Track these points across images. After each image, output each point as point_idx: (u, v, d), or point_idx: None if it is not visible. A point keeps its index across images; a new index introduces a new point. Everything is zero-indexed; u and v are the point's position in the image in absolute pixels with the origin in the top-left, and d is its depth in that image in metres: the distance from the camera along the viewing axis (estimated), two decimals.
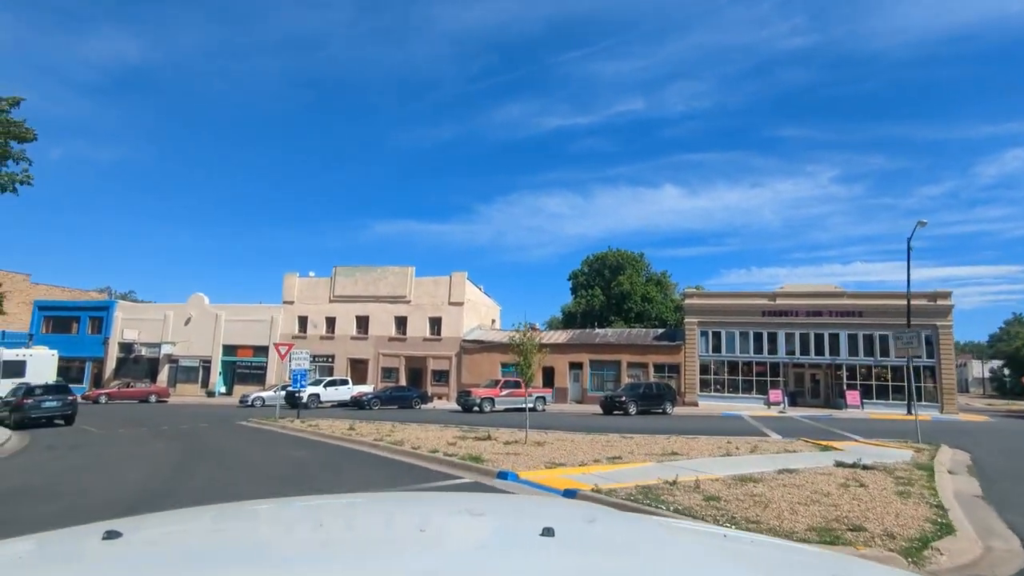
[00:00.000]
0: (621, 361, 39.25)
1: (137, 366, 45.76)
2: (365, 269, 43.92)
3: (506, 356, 40.43)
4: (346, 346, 42.90)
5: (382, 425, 20.04)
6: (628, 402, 30.12)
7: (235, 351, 44.57)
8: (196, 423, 21.77)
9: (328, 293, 44.08)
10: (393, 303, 42.78)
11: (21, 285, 60.73)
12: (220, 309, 45.27)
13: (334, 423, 20.61)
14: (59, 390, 21.22)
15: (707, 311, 38.82)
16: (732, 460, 11.86)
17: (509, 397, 31.73)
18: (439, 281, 42.64)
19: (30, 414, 20.07)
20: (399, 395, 33.95)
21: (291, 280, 44.84)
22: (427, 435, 16.74)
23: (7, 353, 24.42)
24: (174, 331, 45.30)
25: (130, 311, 47.18)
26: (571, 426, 21.44)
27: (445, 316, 41.90)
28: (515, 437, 16.19)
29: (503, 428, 19.17)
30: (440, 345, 41.60)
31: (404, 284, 42.88)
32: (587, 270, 62.07)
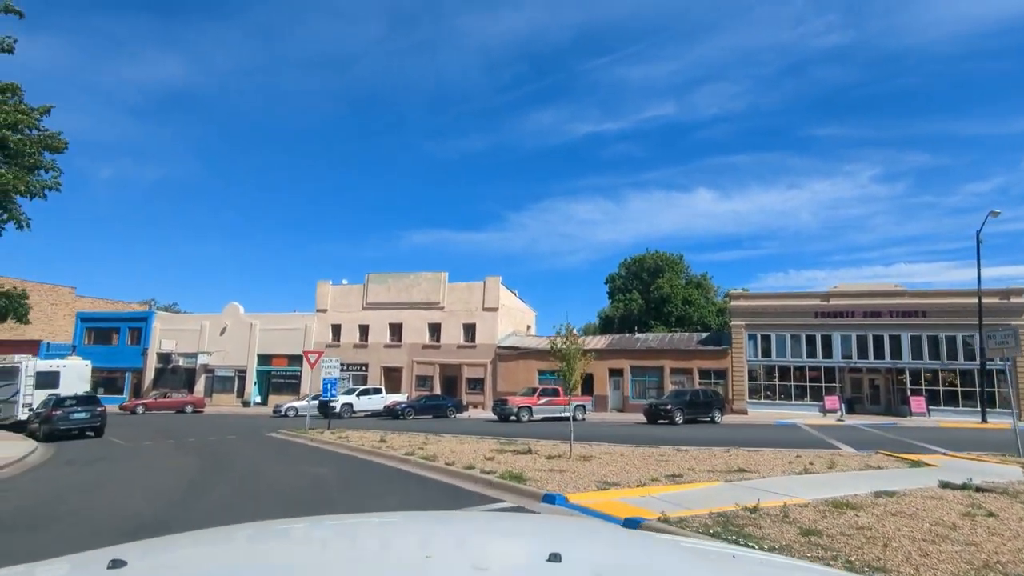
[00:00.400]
0: (664, 367, 37.43)
1: (175, 376, 45.97)
2: (398, 276, 43.20)
3: (543, 363, 39.10)
4: (379, 354, 42.17)
5: (415, 436, 18.92)
6: (674, 410, 28.39)
7: (270, 360, 44.34)
8: (224, 435, 21.05)
9: (361, 301, 43.49)
10: (426, 310, 41.90)
11: (67, 298, 62.27)
12: (255, 318, 45.16)
13: (365, 434, 19.58)
14: (88, 401, 20.78)
15: (755, 313, 36.72)
16: (812, 479, 10.25)
17: (548, 406, 30.35)
18: (472, 287, 41.59)
19: (59, 426, 19.63)
20: (433, 404, 32.89)
21: (324, 288, 44.44)
22: (462, 448, 15.51)
23: (41, 364, 24.24)
24: (210, 341, 45.37)
25: (168, 321, 47.53)
26: (616, 437, 19.94)
27: (479, 322, 40.79)
28: (558, 450, 14.82)
29: (544, 440, 17.82)
30: (475, 352, 40.49)
31: (437, 290, 41.97)
32: (624, 273, 60.27)
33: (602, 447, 16.06)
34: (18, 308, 21.19)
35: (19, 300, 21.25)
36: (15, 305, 21.14)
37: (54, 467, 13.62)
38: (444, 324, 41.37)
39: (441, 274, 42.30)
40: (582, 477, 10.61)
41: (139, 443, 18.58)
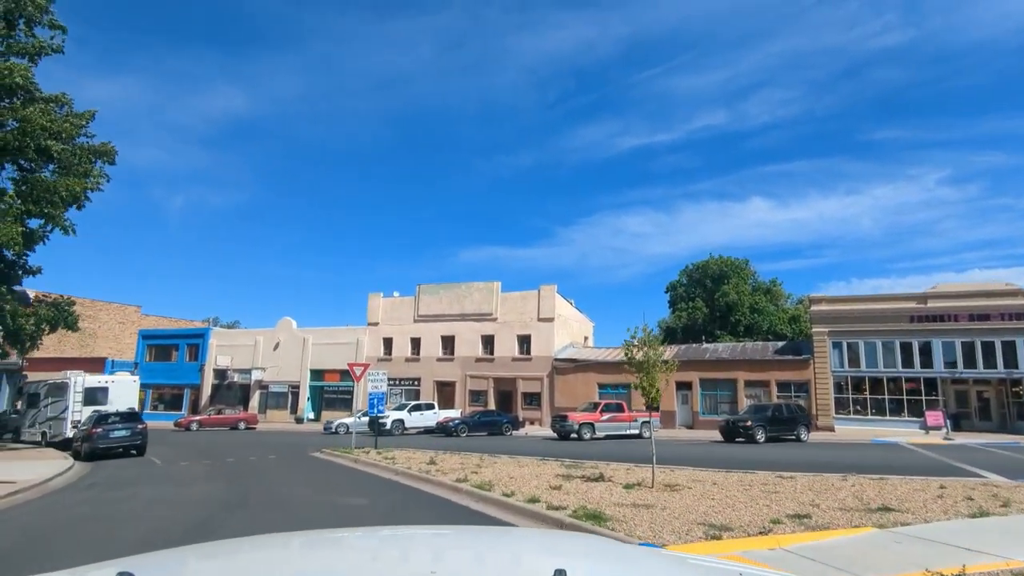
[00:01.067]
0: (737, 380, 34.24)
1: (230, 392, 45.88)
2: (449, 286, 41.74)
3: (604, 376, 36.62)
4: (432, 368, 40.67)
5: (468, 458, 16.95)
6: (755, 427, 25.38)
7: (322, 375, 43.58)
8: (266, 454, 19.70)
9: (412, 313, 42.22)
10: (479, 321, 40.17)
11: (133, 316, 64.06)
12: (307, 333, 44.61)
13: (413, 455, 17.77)
14: (130, 419, 19.89)
15: (839, 318, 33.13)
16: (1001, 525, 7.62)
17: (611, 423, 27.88)
18: (527, 296, 39.62)
19: (98, 445, 18.73)
20: (488, 420, 30.94)
21: (375, 300, 43.47)
22: (522, 473, 13.42)
23: (89, 379, 23.76)
24: (264, 356, 45.09)
25: (223, 337, 47.68)
26: (696, 458, 17.39)
27: (534, 333, 38.70)
28: (635, 476, 12.54)
29: (614, 463, 15.52)
30: (530, 365, 38.38)
31: (490, 300, 40.22)
32: (687, 281, 57.02)
33: (685, 472, 13.64)
34: (67, 317, 20.64)
35: (66, 309, 20.70)
36: (64, 314, 20.59)
37: (72, 492, 12.36)
38: (498, 336, 39.51)
39: (494, 283, 40.57)
40: (677, 516, 8.32)
41: (175, 464, 17.38)
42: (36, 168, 20.60)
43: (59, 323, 20.39)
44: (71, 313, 20.74)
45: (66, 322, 20.54)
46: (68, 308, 20.77)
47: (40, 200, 18.61)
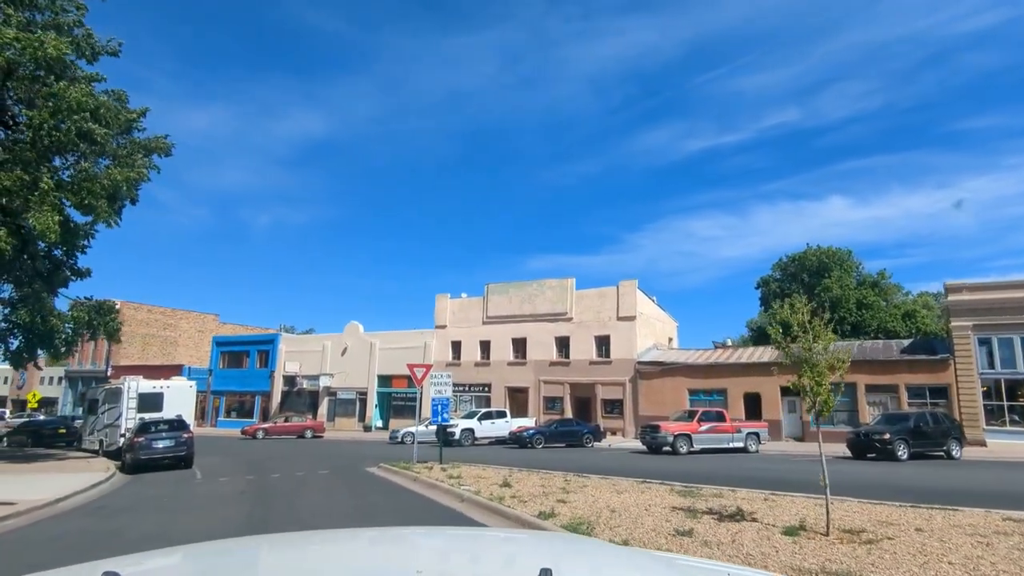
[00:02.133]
0: (856, 384, 29.29)
1: (299, 399, 44.92)
2: (519, 285, 38.86)
3: (696, 380, 32.57)
4: (503, 373, 37.85)
5: (550, 477, 13.83)
6: (894, 441, 20.82)
7: (390, 382, 41.71)
8: (318, 469, 17.34)
9: (481, 314, 39.63)
10: (552, 321, 37.01)
11: (211, 324, 65.40)
12: (374, 337, 42.95)
13: (483, 473, 14.83)
14: (176, 427, 18.10)
15: (986, 310, 27.63)
16: None
17: (711, 434, 23.98)
18: (605, 293, 36.11)
19: (140, 456, 16.99)
20: (566, 430, 27.68)
21: (443, 302, 41.22)
22: (624, 503, 10.16)
23: (144, 385, 22.44)
24: (332, 362, 43.82)
25: (292, 343, 46.91)
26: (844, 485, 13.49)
27: (614, 334, 35.12)
28: (786, 512, 9.04)
29: (740, 489, 11.95)
30: (610, 369, 34.80)
31: (564, 298, 36.99)
32: (780, 276, 51.61)
33: (852, 506, 9.93)
34: (108, 323, 19.20)
35: (107, 314, 19.25)
36: (105, 320, 19.17)
37: (74, 519, 10.19)
38: (573, 337, 36.19)
39: (567, 280, 37.32)
40: None
41: (214, 480, 15.24)
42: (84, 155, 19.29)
43: (99, 328, 18.95)
44: (112, 318, 19.28)
45: (106, 328, 19.09)
46: (109, 313, 19.31)
47: (80, 189, 17.13)
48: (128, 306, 58.31)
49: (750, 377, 31.50)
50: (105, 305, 19.43)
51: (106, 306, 19.41)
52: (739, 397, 31.28)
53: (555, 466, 16.98)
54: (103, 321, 18.99)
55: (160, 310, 61.59)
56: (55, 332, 17.66)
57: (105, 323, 19.05)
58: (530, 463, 18.28)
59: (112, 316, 19.43)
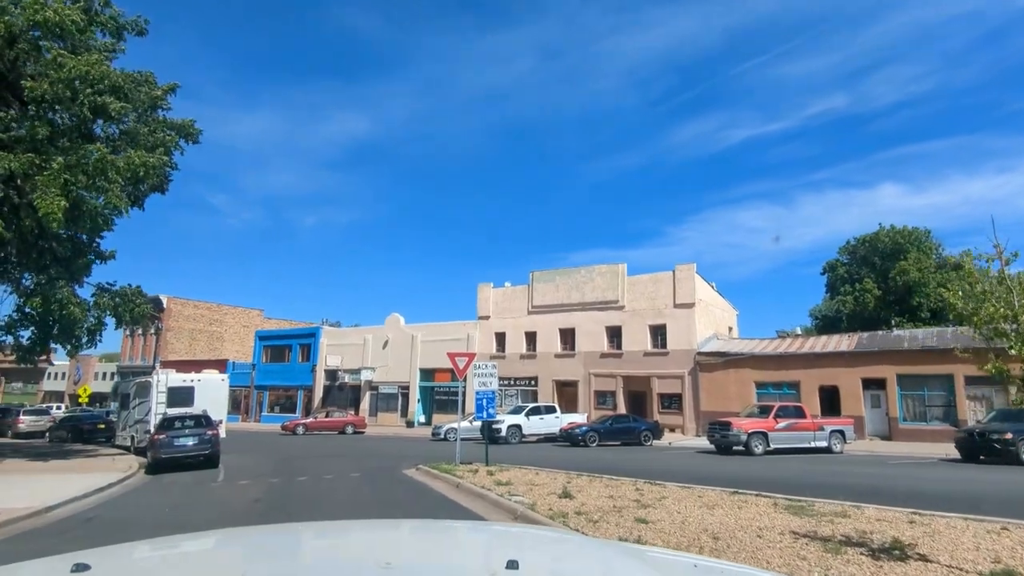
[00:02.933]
0: (953, 375, 25.83)
1: (342, 394, 43.86)
2: (566, 272, 36.53)
3: (763, 372, 29.65)
4: (550, 365, 35.65)
5: (617, 484, 11.60)
6: (1018, 442, 17.68)
7: (432, 375, 40.10)
8: (351, 470, 15.57)
9: (526, 304, 37.49)
10: (603, 310, 34.55)
11: (256, 320, 65.44)
12: (416, 329, 41.41)
13: (536, 478, 12.70)
14: (199, 423, 16.62)
15: None
16: None
17: (789, 432, 21.21)
18: (659, 279, 33.42)
19: (161, 454, 15.57)
20: (623, 427, 25.30)
21: (485, 291, 39.28)
22: (721, 524, 7.86)
23: (173, 378, 21.27)
24: (373, 356, 42.53)
25: (333, 337, 45.87)
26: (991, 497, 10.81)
27: (670, 323, 32.43)
28: (961, 545, 6.57)
29: (868, 506, 9.42)
30: (666, 361, 32.16)
31: (615, 285, 34.47)
32: (848, 260, 47.66)
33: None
34: (133, 309, 17.85)
35: (133, 300, 17.90)
36: (130, 306, 17.83)
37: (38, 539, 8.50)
38: (625, 327, 33.67)
39: (618, 266, 34.78)
40: None
41: (233, 483, 13.62)
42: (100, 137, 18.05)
43: (124, 316, 17.61)
44: (137, 305, 17.90)
45: (131, 315, 17.72)
46: (135, 299, 17.95)
47: (95, 172, 15.75)
48: (175, 302, 58.74)
49: (826, 368, 28.40)
50: (130, 291, 18.08)
51: (131, 292, 18.06)
52: (813, 391, 28.21)
53: (617, 469, 14.72)
54: (128, 307, 17.66)
55: (206, 305, 61.88)
56: (75, 322, 16.37)
57: (131, 310, 17.72)
58: (587, 465, 16.06)
59: (138, 303, 18.08)
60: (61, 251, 17.32)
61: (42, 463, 17.16)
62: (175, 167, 22.43)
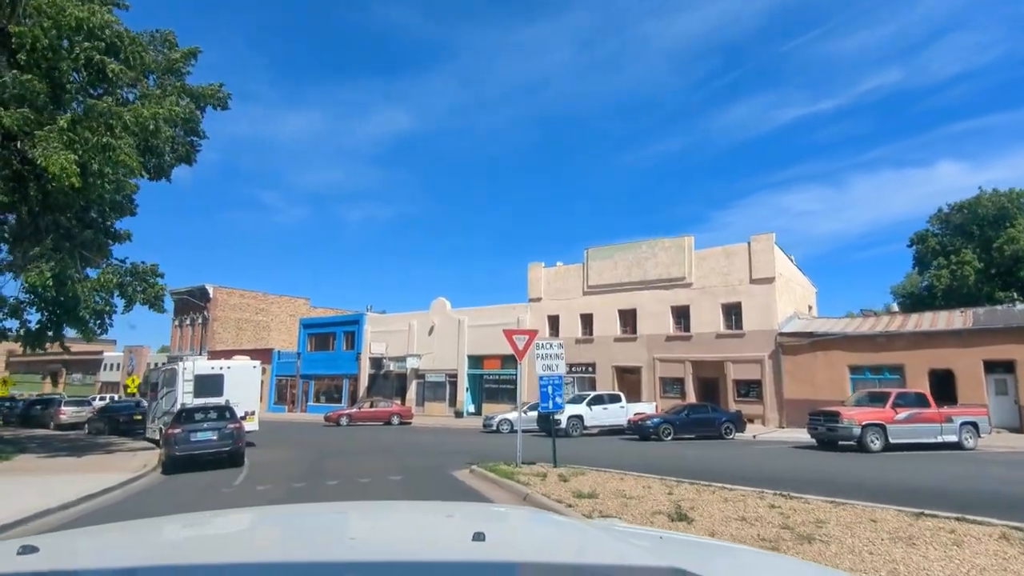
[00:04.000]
0: None
1: (387, 383, 41.96)
2: (626, 247, 33.26)
3: (860, 355, 25.89)
4: (609, 350, 32.60)
5: (737, 497, 8.64)
6: None
7: (481, 362, 37.65)
8: (392, 471, 13.09)
9: (581, 283, 34.47)
10: (668, 288, 31.22)
11: (302, 309, 64.54)
12: (462, 314, 39.00)
13: (622, 484, 9.84)
14: (219, 415, 14.42)
15: None
16: None
17: (911, 423, 17.63)
18: (733, 252, 29.83)
19: (175, 451, 13.45)
20: (700, 418, 22.12)
21: (536, 271, 36.43)
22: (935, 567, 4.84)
23: (201, 365, 19.35)
24: (419, 342, 40.39)
25: (377, 323, 43.96)
26: None
27: (746, 300, 28.87)
28: None
29: None
30: (742, 343, 28.65)
31: (681, 261, 31.06)
32: (940, 229, 42.60)
33: None
34: (146, 289, 15.81)
35: (147, 279, 15.81)
36: (144, 285, 15.79)
37: None
38: (694, 306, 30.27)
39: (684, 239, 31.32)
40: None
41: (252, 487, 11.32)
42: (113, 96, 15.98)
43: (135, 297, 15.55)
44: (151, 284, 15.81)
45: (145, 295, 15.65)
46: (150, 277, 15.86)
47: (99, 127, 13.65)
48: (220, 291, 58.28)
49: (937, 349, 24.41)
50: (143, 268, 16.03)
51: (144, 269, 16.02)
52: (921, 375, 24.28)
53: (714, 471, 11.75)
54: (143, 286, 15.63)
55: (252, 295, 61.29)
56: (79, 303, 14.38)
57: (144, 290, 15.68)
58: (673, 466, 13.13)
59: (153, 282, 16.03)
60: (69, 224, 15.40)
61: (53, 460, 15.40)
62: (203, 135, 20.53)
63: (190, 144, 20.31)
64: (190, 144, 20.31)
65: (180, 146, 19.78)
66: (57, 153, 12.74)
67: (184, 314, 60.01)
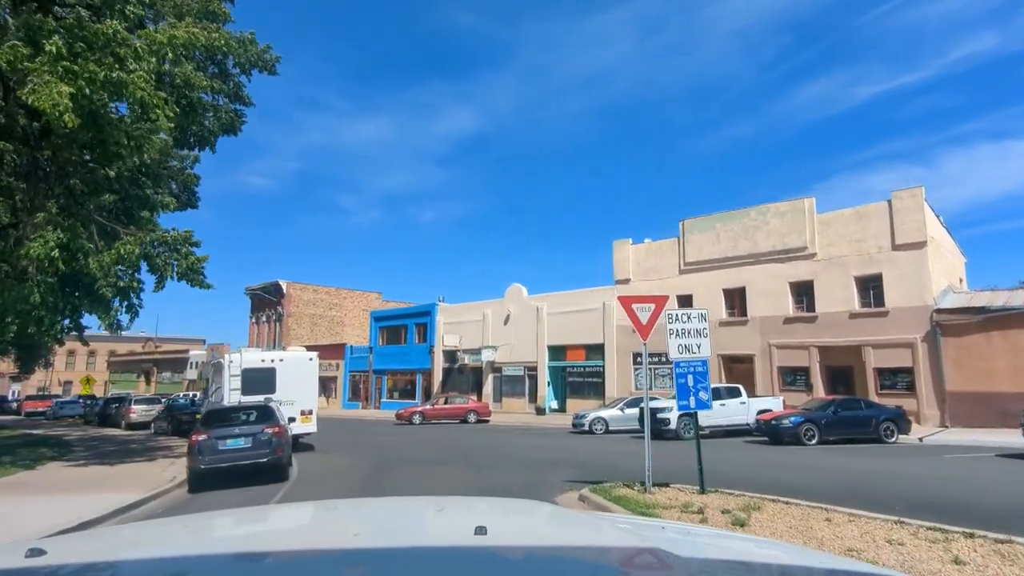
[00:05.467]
0: None
1: (462, 377, 39.14)
2: (731, 215, 28.57)
3: None
4: (713, 336, 27.83)
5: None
6: None
7: (563, 353, 34.03)
8: (469, 491, 9.66)
9: (676, 260, 30.09)
10: (784, 261, 26.37)
11: (375, 303, 63.25)
12: (540, 301, 35.47)
13: (844, 531, 5.95)
14: (260, 416, 11.53)
15: None
16: None
17: None
18: (867, 213, 24.63)
19: (200, 463, 10.63)
20: (851, 416, 17.47)
21: (623, 250, 32.32)
22: None
23: (249, 358, 16.76)
24: (494, 333, 37.25)
25: (449, 314, 41.18)
26: None
27: (889, 271, 23.65)
28: None
29: None
30: (885, 323, 23.48)
31: (800, 228, 26.11)
32: None
33: None
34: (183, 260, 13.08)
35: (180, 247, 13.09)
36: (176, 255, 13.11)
37: None
38: (819, 281, 25.29)
39: (804, 201, 26.33)
40: None
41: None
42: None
43: (166, 271, 12.92)
44: (188, 253, 13.10)
45: (181, 269, 13.00)
46: (181, 247, 13.15)
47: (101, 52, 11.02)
48: (294, 287, 57.69)
49: None
50: (174, 236, 13.29)
51: (175, 237, 13.28)
52: None
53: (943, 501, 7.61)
54: (177, 256, 12.97)
55: (325, 290, 60.47)
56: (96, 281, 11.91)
57: (178, 261, 13.03)
58: (865, 488, 9.00)
59: (187, 251, 13.30)
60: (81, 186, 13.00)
61: (82, 469, 13.15)
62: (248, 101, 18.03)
63: (235, 113, 17.84)
64: (235, 113, 17.84)
65: (224, 113, 17.33)
66: (48, 87, 10.17)
67: (260, 311, 59.99)
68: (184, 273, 13.69)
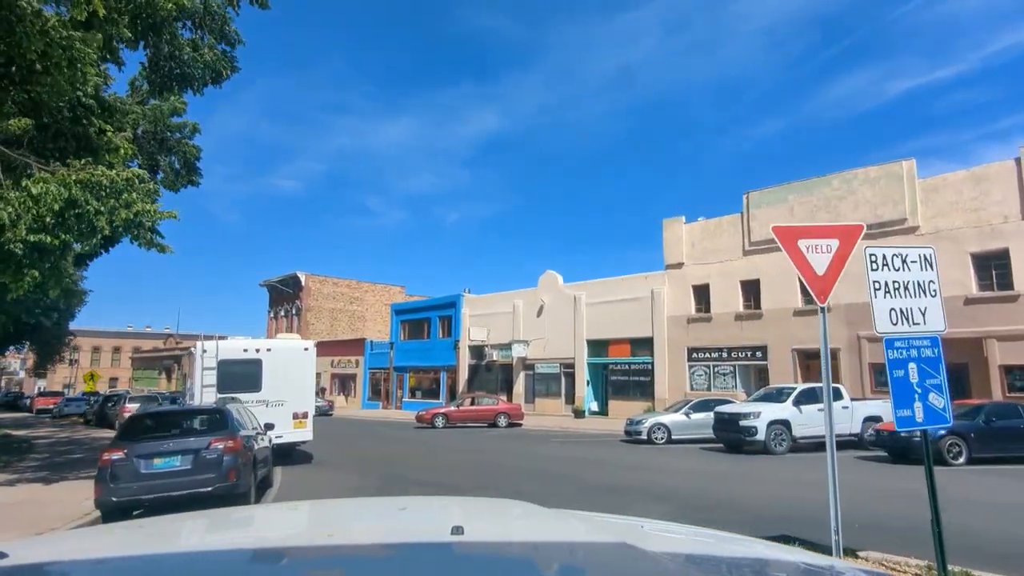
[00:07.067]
0: None
1: (490, 375, 35.47)
2: (808, 184, 24.30)
3: None
4: (786, 328, 23.87)
5: None
6: None
7: (604, 348, 30.09)
8: None
9: (740, 240, 25.92)
10: (878, 236, 21.93)
11: (397, 297, 60.05)
12: (578, 289, 31.57)
13: None
14: (196, 428, 7.89)
15: None
16: None
17: None
18: (984, 176, 20.24)
19: (112, 497, 7.09)
20: (1009, 428, 13.21)
21: (674, 230, 28.21)
22: None
23: (227, 347, 13.19)
24: (525, 327, 33.47)
25: (476, 306, 37.51)
26: None
27: (1017, 245, 19.25)
28: None
29: None
30: (1014, 310, 19.07)
31: (898, 196, 21.76)
32: None
33: None
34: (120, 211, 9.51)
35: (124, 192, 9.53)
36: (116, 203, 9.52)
37: None
38: None
39: (902, 164, 21.95)
40: None
41: None
42: None
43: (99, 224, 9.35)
44: (126, 203, 9.55)
45: (125, 223, 9.39)
46: (124, 192, 9.60)
47: None
48: (313, 279, 54.79)
49: None
50: (118, 178, 9.67)
51: (117, 180, 9.66)
52: None
53: None
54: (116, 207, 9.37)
55: (345, 283, 57.46)
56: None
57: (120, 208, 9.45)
58: None
59: (133, 199, 9.71)
60: None
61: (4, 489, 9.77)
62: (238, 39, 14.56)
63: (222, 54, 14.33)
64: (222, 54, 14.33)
65: (208, 50, 13.84)
66: None
67: (278, 305, 57.29)
68: (131, 230, 10.21)
